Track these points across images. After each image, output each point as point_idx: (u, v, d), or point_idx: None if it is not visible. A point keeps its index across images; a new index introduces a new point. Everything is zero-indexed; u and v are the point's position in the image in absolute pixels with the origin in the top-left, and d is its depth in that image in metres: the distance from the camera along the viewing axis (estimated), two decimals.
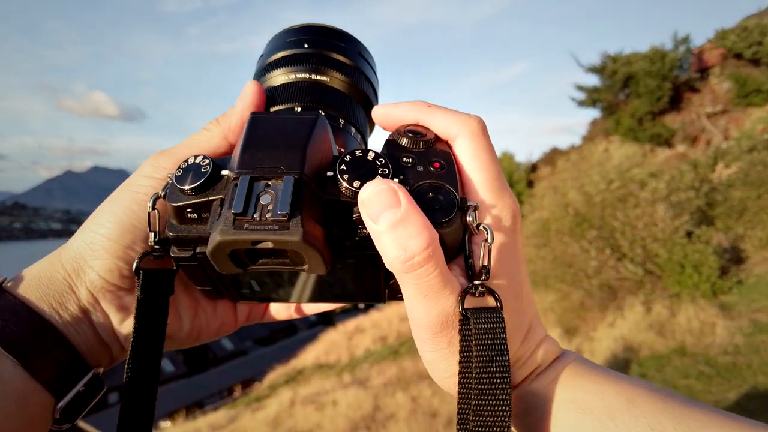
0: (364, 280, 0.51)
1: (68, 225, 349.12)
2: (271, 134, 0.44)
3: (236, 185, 0.40)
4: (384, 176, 0.42)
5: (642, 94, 23.05)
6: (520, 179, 33.79)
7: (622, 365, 6.73)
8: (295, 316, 0.64)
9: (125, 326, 0.50)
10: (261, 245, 0.38)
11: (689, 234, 8.73)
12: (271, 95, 0.57)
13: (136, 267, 0.47)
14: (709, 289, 8.22)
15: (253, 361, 29.69)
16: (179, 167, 0.45)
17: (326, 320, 45.90)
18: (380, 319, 19.30)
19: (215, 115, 0.55)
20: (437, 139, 0.48)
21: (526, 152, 70.91)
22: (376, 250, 0.40)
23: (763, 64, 23.07)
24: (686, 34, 23.87)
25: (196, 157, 0.45)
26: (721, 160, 14.32)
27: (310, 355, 18.51)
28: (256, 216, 0.38)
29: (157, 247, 0.46)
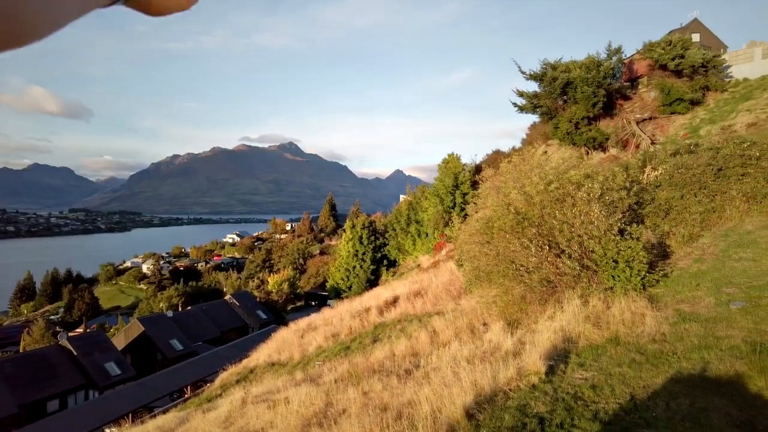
0: None
1: (4, 225, 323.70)
2: None
3: None
4: None
5: (579, 100, 24.19)
6: (465, 180, 34.56)
7: (561, 355, 7.05)
8: None
9: None
10: None
11: (622, 231, 9.20)
12: None
13: None
14: (639, 283, 8.73)
15: (203, 362, 28.74)
16: None
17: (278, 319, 45.17)
18: (332, 315, 19.27)
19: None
20: None
21: (472, 155, 72.04)
22: None
23: (684, 75, 24.79)
24: (619, 45, 25.33)
25: None
26: (649, 162, 15.19)
27: (262, 353, 18.26)
28: None
29: None
